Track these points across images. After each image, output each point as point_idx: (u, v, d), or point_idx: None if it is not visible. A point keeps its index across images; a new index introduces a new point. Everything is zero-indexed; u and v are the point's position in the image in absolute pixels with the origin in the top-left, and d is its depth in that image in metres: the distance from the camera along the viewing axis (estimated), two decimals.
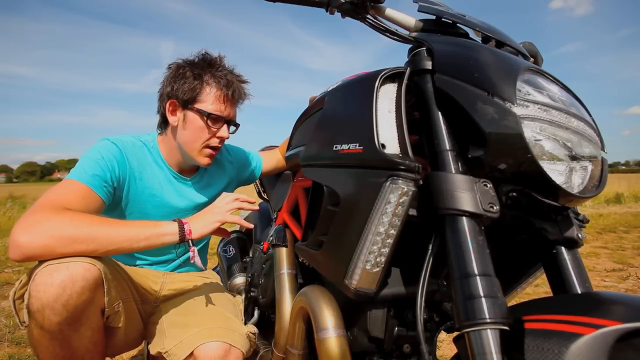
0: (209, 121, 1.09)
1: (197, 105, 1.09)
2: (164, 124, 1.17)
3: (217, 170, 1.29)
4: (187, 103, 1.09)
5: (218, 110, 1.09)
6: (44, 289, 0.78)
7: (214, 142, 1.12)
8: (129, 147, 1.10)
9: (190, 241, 0.96)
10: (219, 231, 1.04)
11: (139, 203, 1.11)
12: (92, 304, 0.85)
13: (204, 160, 1.13)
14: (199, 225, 0.97)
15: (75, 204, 0.90)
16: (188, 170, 1.21)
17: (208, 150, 1.12)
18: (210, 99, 1.09)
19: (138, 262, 1.21)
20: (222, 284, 1.35)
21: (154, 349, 1.00)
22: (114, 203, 1.07)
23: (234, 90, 1.12)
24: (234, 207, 1.02)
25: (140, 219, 1.12)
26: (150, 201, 1.13)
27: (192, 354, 0.92)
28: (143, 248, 0.91)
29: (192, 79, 1.09)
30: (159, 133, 1.20)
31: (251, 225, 1.05)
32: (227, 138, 1.14)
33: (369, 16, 0.80)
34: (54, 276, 0.79)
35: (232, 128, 1.17)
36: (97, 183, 0.97)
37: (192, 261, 0.98)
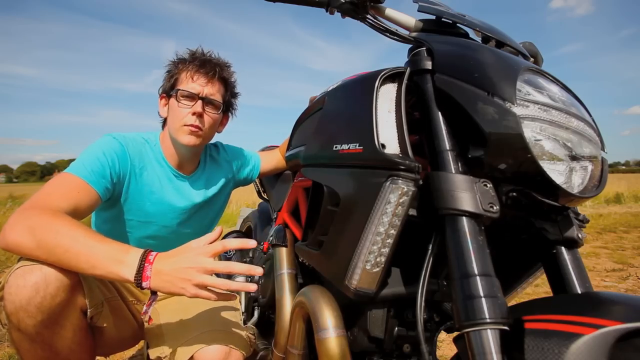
0: (180, 98, 1.11)
1: (175, 89, 1.13)
2: (164, 122, 1.21)
3: (215, 168, 1.30)
4: (169, 91, 1.15)
5: (189, 87, 1.11)
6: (16, 291, 0.77)
7: (190, 119, 1.10)
8: (131, 144, 1.11)
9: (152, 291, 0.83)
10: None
11: (137, 200, 1.12)
12: (69, 305, 0.83)
13: (184, 138, 1.11)
14: (163, 286, 0.80)
15: (68, 198, 0.90)
16: (187, 167, 1.22)
17: (186, 127, 1.10)
18: (183, 80, 1.13)
19: None
20: None
21: (153, 354, 1.00)
22: (113, 199, 1.07)
23: (203, 65, 1.13)
24: (209, 284, 0.79)
25: (138, 216, 1.13)
26: (149, 198, 1.14)
27: (192, 358, 0.92)
28: (100, 277, 0.83)
29: (173, 70, 1.16)
30: (161, 131, 1.22)
31: (253, 288, 0.83)
32: (201, 114, 1.11)
33: (369, 16, 0.80)
34: (26, 278, 0.78)
35: (219, 110, 1.16)
36: (94, 178, 0.97)
37: (145, 315, 0.85)
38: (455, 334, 0.62)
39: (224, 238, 1.64)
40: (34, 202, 0.86)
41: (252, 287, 0.83)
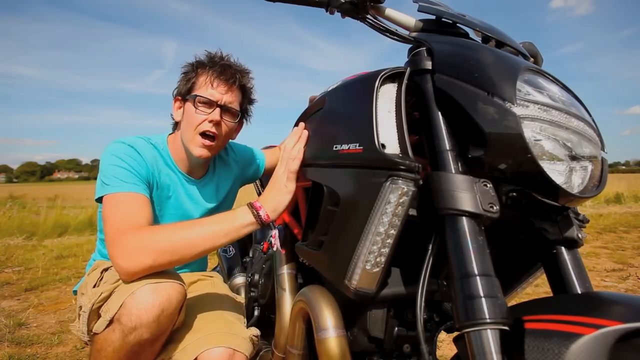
0: (198, 104, 1.08)
1: (191, 93, 1.11)
2: (175, 125, 1.20)
3: (224, 170, 1.29)
4: (185, 95, 1.12)
5: (208, 94, 1.09)
6: (146, 308, 0.81)
7: (206, 125, 1.08)
8: (144, 149, 1.09)
9: (271, 224, 0.97)
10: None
11: (156, 205, 1.11)
12: (172, 323, 0.89)
13: (197, 151, 1.09)
14: (274, 205, 0.96)
15: (137, 214, 0.93)
16: (197, 172, 1.20)
17: (200, 140, 1.09)
18: (202, 85, 1.10)
19: None
20: (224, 283, 1.35)
21: (157, 355, 1.00)
22: None
23: (223, 72, 1.10)
24: (294, 175, 0.99)
25: (156, 221, 1.11)
26: (165, 203, 1.13)
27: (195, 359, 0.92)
28: (225, 244, 0.93)
29: (190, 73, 1.13)
30: (170, 134, 1.21)
31: None
32: (218, 122, 1.09)
33: (369, 16, 0.80)
34: (154, 297, 0.83)
35: (236, 119, 1.15)
36: (138, 187, 0.99)
37: (273, 247, 1.01)
38: (455, 334, 0.62)
39: None
40: (119, 231, 0.89)
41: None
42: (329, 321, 0.82)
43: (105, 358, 0.86)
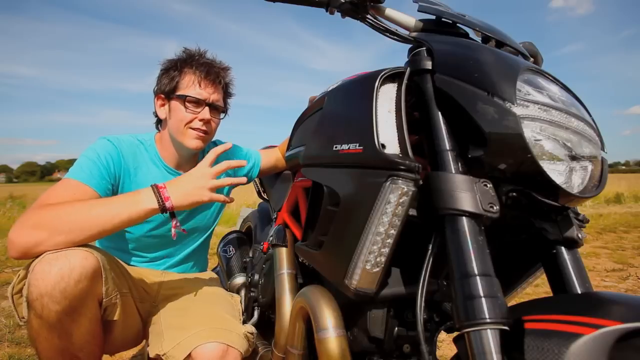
0: (187, 104, 1.13)
1: (178, 92, 1.15)
2: (158, 122, 1.23)
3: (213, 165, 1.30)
4: (170, 93, 1.16)
5: (196, 93, 1.14)
6: (42, 277, 0.79)
7: (196, 124, 1.14)
8: (125, 145, 1.13)
9: (171, 213, 0.95)
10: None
11: None
12: (90, 293, 0.86)
13: (191, 142, 1.15)
14: (180, 194, 0.94)
15: (65, 198, 0.92)
16: (185, 167, 1.22)
17: (193, 132, 1.14)
18: (188, 84, 1.15)
19: (134, 259, 1.21)
20: (220, 283, 1.35)
21: (152, 351, 1.00)
22: None
23: (209, 72, 1.16)
24: (218, 185, 0.98)
25: None
26: None
27: (190, 355, 0.92)
28: (126, 225, 0.91)
29: (172, 71, 1.16)
30: (157, 132, 1.24)
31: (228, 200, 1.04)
32: (208, 120, 1.15)
33: (369, 16, 0.80)
34: (52, 264, 0.80)
35: (221, 115, 1.21)
36: (93, 180, 1.00)
37: (173, 235, 0.97)
38: (455, 334, 0.62)
39: (223, 238, 1.64)
40: (33, 206, 0.89)
41: (242, 180, 1.10)
42: (329, 321, 0.82)
43: (35, 341, 0.86)
